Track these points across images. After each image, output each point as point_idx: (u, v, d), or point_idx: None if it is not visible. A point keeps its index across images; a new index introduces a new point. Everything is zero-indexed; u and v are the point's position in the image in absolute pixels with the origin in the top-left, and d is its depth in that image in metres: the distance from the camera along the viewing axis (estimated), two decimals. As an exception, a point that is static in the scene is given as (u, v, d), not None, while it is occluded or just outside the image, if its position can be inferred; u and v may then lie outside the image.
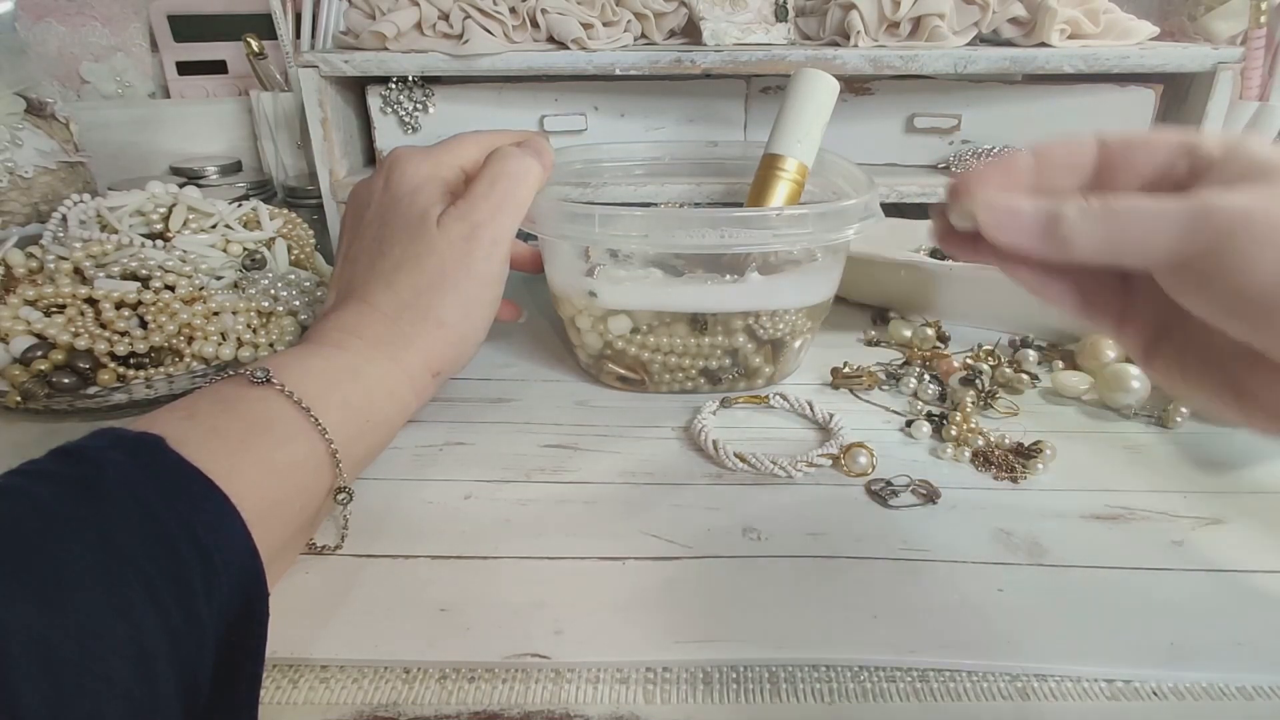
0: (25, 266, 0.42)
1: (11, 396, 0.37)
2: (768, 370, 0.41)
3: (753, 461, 0.34)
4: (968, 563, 0.29)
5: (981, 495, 0.33)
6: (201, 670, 0.21)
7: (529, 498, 0.33)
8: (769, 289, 0.39)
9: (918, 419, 0.38)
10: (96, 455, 0.22)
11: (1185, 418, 0.38)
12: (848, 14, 0.51)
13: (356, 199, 0.37)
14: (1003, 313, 0.48)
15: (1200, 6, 0.55)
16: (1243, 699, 0.24)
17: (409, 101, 0.56)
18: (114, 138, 0.66)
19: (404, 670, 0.25)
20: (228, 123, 0.68)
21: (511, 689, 0.24)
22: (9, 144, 0.53)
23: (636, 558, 0.29)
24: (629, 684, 0.24)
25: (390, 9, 0.52)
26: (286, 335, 0.43)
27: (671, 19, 0.55)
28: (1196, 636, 0.26)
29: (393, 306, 0.33)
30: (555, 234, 0.37)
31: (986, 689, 0.24)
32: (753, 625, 0.26)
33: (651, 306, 0.39)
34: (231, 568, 0.22)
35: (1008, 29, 0.53)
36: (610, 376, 0.42)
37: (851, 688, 0.24)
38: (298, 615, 0.26)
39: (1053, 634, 0.26)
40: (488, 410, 0.40)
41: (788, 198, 0.43)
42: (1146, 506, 0.32)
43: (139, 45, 0.68)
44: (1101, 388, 0.40)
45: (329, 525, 0.31)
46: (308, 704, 0.24)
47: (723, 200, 0.54)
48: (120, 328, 0.40)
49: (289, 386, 0.27)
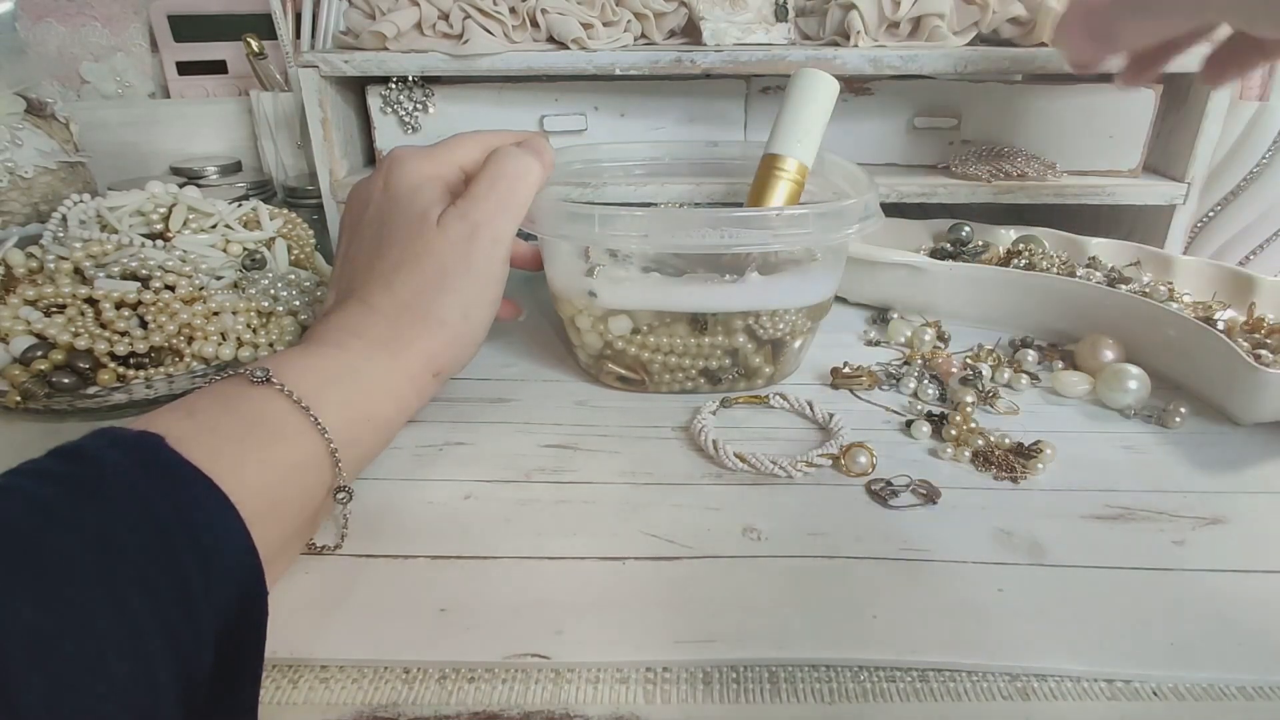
0: (25, 266, 0.42)
1: (11, 396, 0.37)
2: (768, 370, 0.41)
3: (753, 461, 0.34)
4: (968, 563, 0.29)
5: (981, 495, 0.33)
6: (201, 669, 0.21)
7: (529, 498, 0.33)
8: (769, 289, 0.39)
9: (918, 419, 0.38)
10: (96, 454, 0.22)
11: (1185, 417, 0.38)
12: (848, 14, 0.51)
13: (355, 198, 0.37)
14: (1003, 313, 0.48)
15: (1200, 6, 0.55)
16: (1243, 699, 0.24)
17: (409, 101, 0.56)
18: (114, 138, 0.66)
19: (404, 670, 0.25)
20: (228, 123, 0.68)
21: (511, 689, 0.24)
22: (9, 144, 0.53)
23: (636, 558, 0.29)
24: (629, 684, 0.24)
25: (390, 9, 0.52)
26: (286, 335, 0.43)
27: (671, 19, 0.55)
28: (1196, 636, 0.26)
29: (393, 307, 0.33)
30: (555, 234, 0.37)
31: (986, 689, 0.24)
32: (753, 625, 0.26)
33: (651, 306, 0.39)
34: (231, 566, 0.22)
35: (1008, 29, 0.53)
36: (610, 376, 0.42)
37: (851, 688, 0.24)
38: (298, 615, 0.26)
39: (1053, 634, 0.26)
40: (488, 410, 0.40)
41: (788, 198, 0.43)
42: (1146, 506, 0.32)
43: (139, 45, 0.68)
44: (1101, 388, 0.40)
45: (329, 525, 0.31)
46: (308, 704, 0.24)
47: (723, 200, 0.54)
48: (120, 328, 0.40)
49: (289, 386, 0.27)
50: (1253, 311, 0.44)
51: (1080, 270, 0.49)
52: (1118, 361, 0.42)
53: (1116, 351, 0.42)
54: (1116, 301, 0.44)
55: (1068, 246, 0.53)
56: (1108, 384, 0.40)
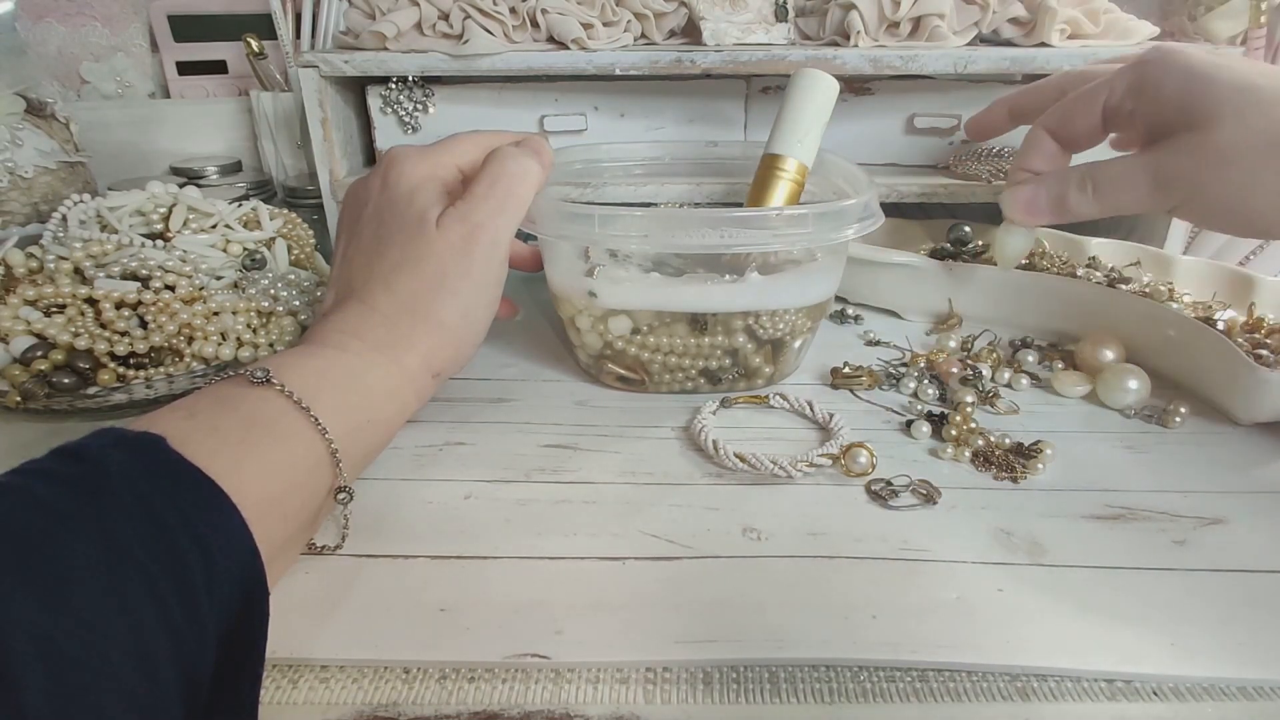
0: (25, 266, 0.42)
1: (11, 396, 0.37)
2: (768, 370, 0.41)
3: (753, 461, 0.34)
4: (968, 563, 0.29)
5: (981, 495, 0.33)
6: (202, 668, 0.21)
7: (529, 498, 0.33)
8: (769, 289, 0.39)
9: (918, 419, 0.38)
10: (98, 454, 0.22)
11: (1185, 417, 0.38)
12: (848, 14, 0.51)
13: (353, 198, 0.37)
14: (1003, 313, 0.48)
15: (1200, 6, 0.55)
16: (1243, 699, 0.24)
17: (409, 101, 0.56)
18: (114, 138, 0.66)
19: (404, 670, 0.25)
20: (228, 123, 0.68)
21: (511, 689, 0.24)
22: (9, 144, 0.53)
23: (636, 558, 0.29)
24: (629, 684, 0.24)
25: (390, 9, 0.52)
26: (286, 335, 0.43)
27: (671, 19, 0.55)
28: (1196, 636, 0.26)
29: (392, 308, 0.33)
30: (555, 234, 0.37)
31: (986, 689, 0.24)
32: (753, 625, 0.26)
33: (651, 306, 0.39)
34: (232, 566, 0.22)
35: (1008, 29, 0.53)
36: (610, 376, 0.42)
37: (851, 688, 0.24)
38: (298, 615, 0.26)
39: (1053, 634, 0.26)
40: (488, 410, 0.40)
41: (788, 198, 0.43)
42: (1146, 506, 0.32)
43: (139, 45, 0.68)
44: (1101, 388, 0.40)
45: (329, 525, 0.31)
46: (308, 704, 0.24)
47: (723, 200, 0.54)
48: (120, 328, 0.40)
49: (289, 386, 0.27)
50: (1253, 311, 0.44)
51: (1080, 270, 0.49)
52: (1118, 361, 0.42)
53: (1116, 351, 0.42)
54: (1116, 301, 0.44)
55: (1068, 246, 0.53)
56: (1108, 384, 0.40)
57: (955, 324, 0.49)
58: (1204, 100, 0.34)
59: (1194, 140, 0.34)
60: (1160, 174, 0.35)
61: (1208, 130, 0.33)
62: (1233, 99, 0.33)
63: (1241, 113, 0.32)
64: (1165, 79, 0.35)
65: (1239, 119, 0.32)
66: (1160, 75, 0.36)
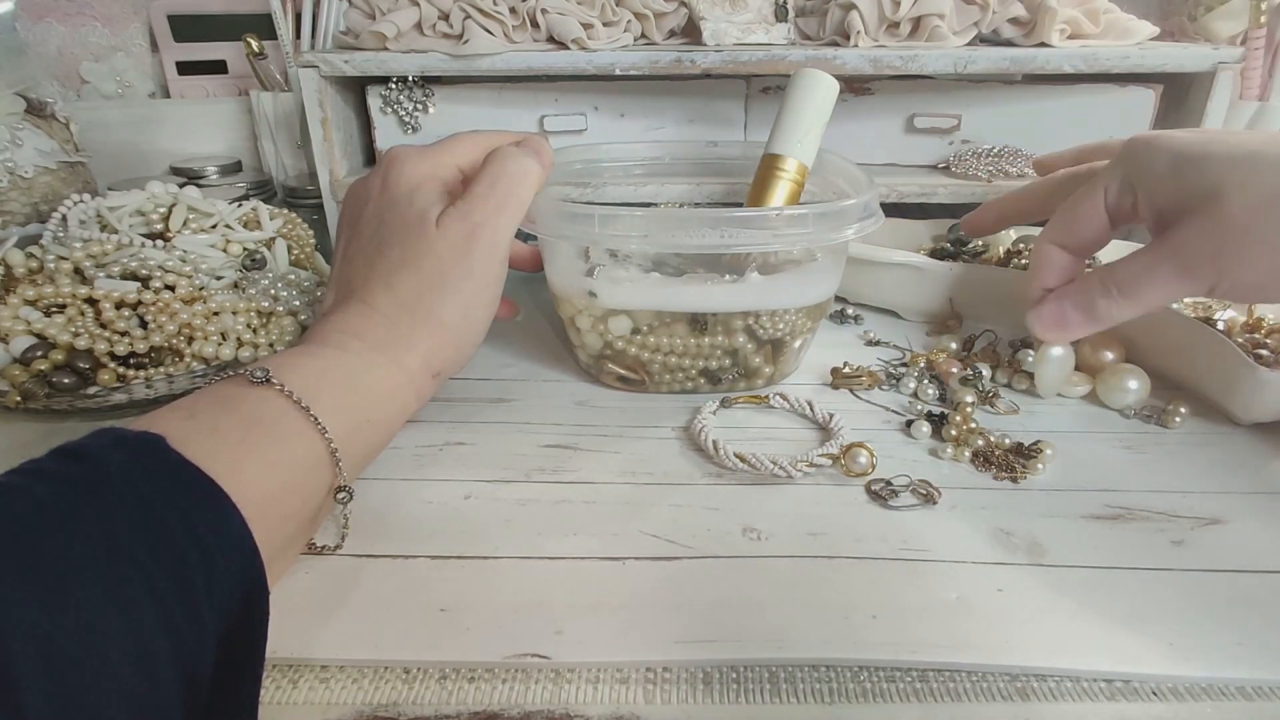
0: (25, 266, 0.42)
1: (11, 396, 0.37)
2: (768, 370, 0.41)
3: (753, 461, 0.34)
4: (968, 563, 0.29)
5: (981, 495, 0.33)
6: (203, 668, 0.21)
7: (529, 498, 0.33)
8: (769, 289, 0.39)
9: (918, 419, 0.38)
10: (98, 454, 0.22)
11: (1185, 417, 0.38)
12: (848, 14, 0.51)
13: (353, 197, 0.37)
14: (1003, 313, 0.48)
15: (1200, 6, 0.55)
16: (1243, 699, 0.24)
17: (409, 101, 0.56)
18: (114, 138, 0.66)
19: (404, 670, 0.25)
20: (228, 123, 0.68)
21: (511, 689, 0.24)
22: (9, 144, 0.53)
23: (636, 558, 0.29)
24: (629, 684, 0.24)
25: (390, 9, 0.52)
26: (286, 335, 0.43)
27: (671, 19, 0.55)
28: (1195, 636, 0.26)
29: (392, 308, 0.33)
30: (555, 234, 0.37)
31: (986, 689, 0.24)
32: (753, 625, 0.26)
33: (651, 306, 0.39)
34: (232, 566, 0.22)
35: (1008, 29, 0.53)
36: (610, 376, 0.42)
37: (851, 688, 0.24)
38: (298, 615, 0.26)
39: (1053, 634, 0.26)
40: (488, 410, 0.40)
41: (788, 198, 0.43)
42: (1146, 506, 0.32)
43: (139, 45, 0.68)
44: (1101, 388, 0.40)
45: (329, 525, 0.31)
46: (308, 704, 0.24)
47: (723, 200, 0.54)
48: (120, 328, 0.40)
49: (289, 386, 0.27)
50: (1253, 311, 0.44)
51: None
52: (1118, 361, 0.42)
53: (1116, 351, 0.42)
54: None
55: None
56: (1108, 384, 0.40)
57: (955, 324, 0.49)
58: (1201, 179, 0.32)
59: (1203, 221, 0.32)
60: (1181, 261, 0.33)
61: (1214, 207, 0.31)
62: (1234, 171, 0.31)
63: (1245, 183, 0.31)
64: (1153, 165, 0.34)
65: (1243, 190, 0.31)
66: (1147, 163, 0.34)
